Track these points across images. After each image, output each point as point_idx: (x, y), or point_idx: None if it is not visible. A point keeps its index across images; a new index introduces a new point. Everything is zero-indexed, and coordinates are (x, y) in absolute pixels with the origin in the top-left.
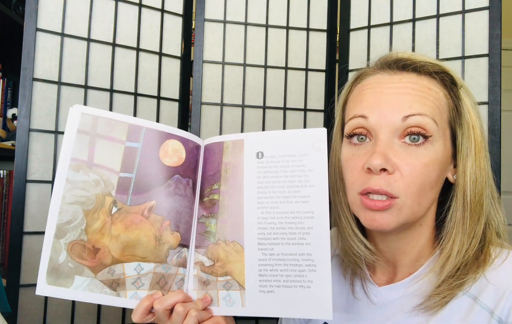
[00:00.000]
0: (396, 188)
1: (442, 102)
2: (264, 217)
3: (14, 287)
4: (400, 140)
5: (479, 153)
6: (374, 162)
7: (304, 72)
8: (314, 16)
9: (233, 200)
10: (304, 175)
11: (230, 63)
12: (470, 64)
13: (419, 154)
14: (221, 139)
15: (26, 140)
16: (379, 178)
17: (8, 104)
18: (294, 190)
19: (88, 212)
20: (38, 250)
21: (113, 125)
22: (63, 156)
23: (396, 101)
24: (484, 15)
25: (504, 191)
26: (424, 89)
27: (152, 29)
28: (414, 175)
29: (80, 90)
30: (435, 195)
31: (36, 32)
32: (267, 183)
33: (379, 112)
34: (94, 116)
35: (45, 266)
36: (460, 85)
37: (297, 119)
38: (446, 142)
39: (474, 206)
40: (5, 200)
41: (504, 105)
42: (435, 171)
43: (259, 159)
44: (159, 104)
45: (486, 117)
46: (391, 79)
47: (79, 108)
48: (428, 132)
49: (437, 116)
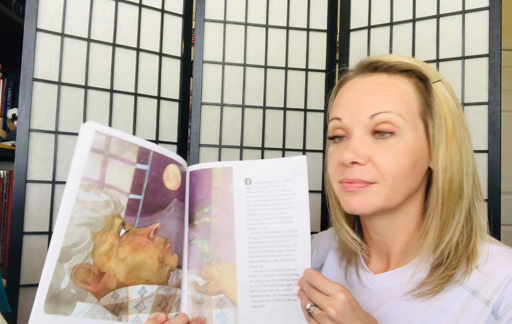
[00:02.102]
0: (370, 176)
1: (410, 98)
2: (254, 236)
3: (14, 287)
4: (371, 135)
5: (450, 142)
6: (345, 157)
7: (304, 72)
8: (314, 16)
9: (225, 222)
10: (288, 198)
11: (230, 64)
12: (470, 64)
13: (389, 145)
14: (209, 166)
15: (26, 140)
16: (352, 170)
17: (8, 105)
18: (279, 211)
19: (96, 234)
20: (38, 250)
21: (125, 146)
22: (73, 175)
23: (365, 102)
24: (484, 15)
25: (504, 191)
26: (391, 87)
27: (152, 29)
28: (385, 163)
29: (80, 90)
30: (413, 183)
31: (36, 32)
32: (255, 206)
33: (350, 113)
34: (107, 135)
35: (44, 293)
36: (432, 80)
37: (297, 119)
38: (418, 134)
39: (446, 192)
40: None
41: (504, 105)
42: (406, 160)
43: (247, 185)
44: (159, 104)
45: (486, 117)
46: (363, 81)
47: (93, 126)
48: (395, 126)
49: (404, 111)
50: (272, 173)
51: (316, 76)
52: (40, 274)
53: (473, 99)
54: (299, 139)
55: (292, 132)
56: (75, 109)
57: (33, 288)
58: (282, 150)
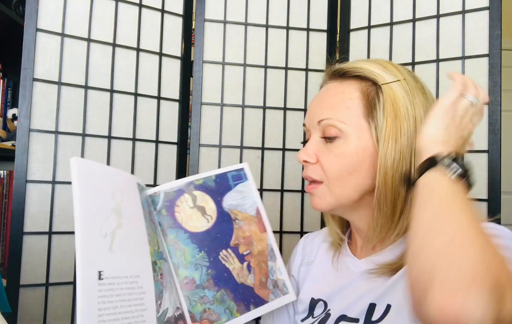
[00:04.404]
0: (318, 175)
1: (354, 102)
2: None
3: (14, 287)
4: (321, 137)
5: (388, 140)
6: (298, 156)
7: (304, 72)
8: (314, 16)
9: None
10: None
11: (230, 64)
12: (470, 64)
13: (332, 148)
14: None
15: (26, 140)
16: (305, 169)
17: (8, 105)
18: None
19: None
20: (38, 250)
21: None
22: None
23: (316, 109)
24: (484, 15)
25: (504, 191)
26: (338, 94)
27: (152, 29)
28: (327, 163)
29: (80, 90)
30: (364, 180)
31: (36, 32)
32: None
33: (308, 119)
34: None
35: None
36: (380, 82)
37: (297, 119)
38: (362, 135)
39: (382, 187)
40: (5, 200)
41: (504, 105)
42: (348, 160)
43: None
44: (159, 105)
45: (486, 117)
46: (323, 89)
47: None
48: (338, 130)
49: (346, 116)
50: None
51: (316, 76)
52: (40, 274)
53: None
54: (299, 139)
55: (292, 132)
56: (75, 109)
57: (33, 288)
58: (282, 150)
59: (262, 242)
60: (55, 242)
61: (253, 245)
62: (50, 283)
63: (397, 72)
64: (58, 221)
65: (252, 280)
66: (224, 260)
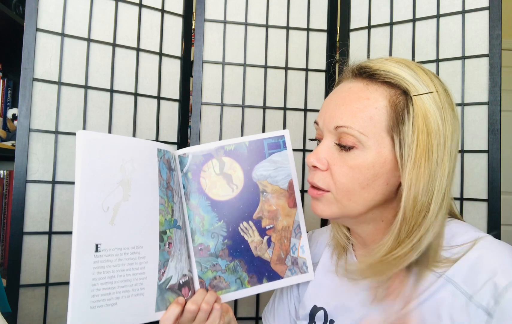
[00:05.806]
0: (326, 184)
1: (379, 112)
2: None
3: (14, 287)
4: (337, 145)
5: (420, 160)
6: (308, 160)
7: (304, 72)
8: (314, 16)
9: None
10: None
11: (230, 64)
12: (470, 64)
13: (347, 158)
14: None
15: (26, 140)
16: (312, 174)
17: (8, 104)
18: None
19: None
20: (38, 250)
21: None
22: None
23: (333, 111)
24: (484, 15)
25: (504, 191)
26: (362, 100)
27: (152, 29)
28: (339, 174)
29: (80, 90)
30: (375, 196)
31: (36, 32)
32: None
33: (323, 120)
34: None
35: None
36: (412, 93)
37: (297, 119)
38: (382, 150)
39: (409, 211)
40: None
41: (504, 105)
42: (363, 174)
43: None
44: (159, 105)
45: (486, 117)
46: (344, 88)
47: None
48: (356, 141)
49: (368, 127)
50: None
51: (316, 76)
52: (40, 274)
53: (473, 99)
54: (299, 139)
55: (292, 132)
56: (75, 109)
57: (33, 288)
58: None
59: (289, 217)
60: (55, 242)
61: (277, 220)
62: (50, 283)
63: (429, 81)
64: (58, 221)
65: (270, 254)
66: (243, 231)
